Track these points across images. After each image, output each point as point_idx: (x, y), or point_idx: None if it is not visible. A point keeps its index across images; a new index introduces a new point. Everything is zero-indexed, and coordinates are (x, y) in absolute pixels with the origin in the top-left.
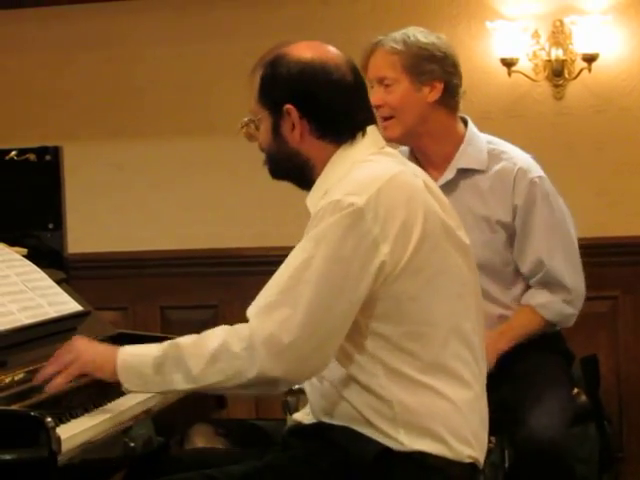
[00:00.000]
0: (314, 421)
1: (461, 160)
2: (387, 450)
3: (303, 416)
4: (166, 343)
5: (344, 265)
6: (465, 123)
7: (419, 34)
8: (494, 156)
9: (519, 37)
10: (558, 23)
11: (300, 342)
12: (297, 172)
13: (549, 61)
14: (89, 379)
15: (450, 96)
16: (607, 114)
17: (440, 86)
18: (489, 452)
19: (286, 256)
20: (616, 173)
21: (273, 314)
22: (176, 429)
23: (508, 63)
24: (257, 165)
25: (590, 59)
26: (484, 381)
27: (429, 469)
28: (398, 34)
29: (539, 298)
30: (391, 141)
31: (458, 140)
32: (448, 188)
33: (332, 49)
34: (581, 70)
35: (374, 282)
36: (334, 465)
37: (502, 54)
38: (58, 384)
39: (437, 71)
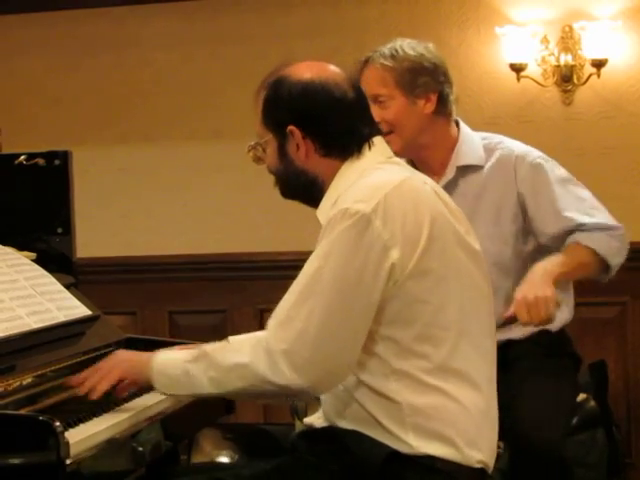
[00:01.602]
0: (326, 424)
1: (459, 158)
2: (396, 454)
3: (315, 419)
4: (195, 349)
5: (356, 273)
6: (457, 124)
7: (407, 47)
8: (490, 149)
9: (528, 42)
10: (567, 28)
11: (318, 354)
12: (306, 190)
13: (558, 66)
14: None
15: (444, 105)
16: (616, 120)
17: (434, 97)
18: (497, 457)
19: (295, 261)
20: (625, 178)
21: (288, 328)
22: (184, 434)
23: (517, 68)
24: (265, 170)
25: (599, 64)
26: (494, 385)
27: (438, 473)
28: (386, 49)
29: (583, 236)
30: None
31: (453, 142)
32: (449, 188)
33: (332, 67)
34: (590, 75)
35: (385, 286)
36: (343, 469)
37: (511, 59)
38: (100, 390)
39: (430, 83)
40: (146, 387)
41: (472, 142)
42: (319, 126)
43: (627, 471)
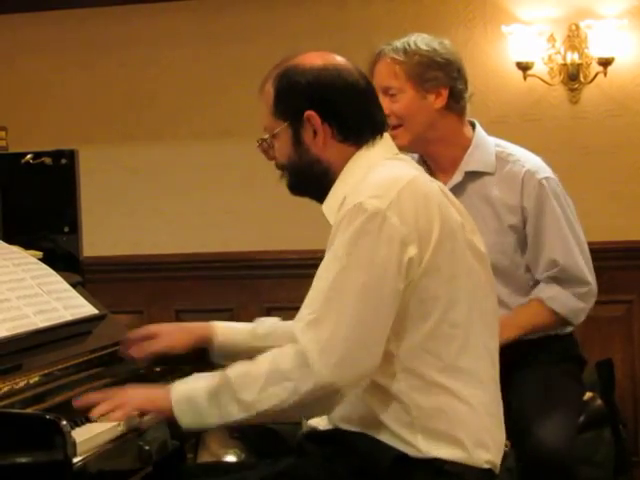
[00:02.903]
0: (329, 427)
1: (469, 163)
2: (404, 456)
3: (319, 421)
4: (217, 374)
5: (380, 269)
6: (473, 126)
7: (420, 42)
8: (502, 159)
9: (535, 41)
10: (574, 27)
11: (352, 351)
12: (317, 181)
13: (565, 65)
14: (106, 381)
15: (456, 101)
16: (622, 118)
17: (445, 92)
18: (504, 456)
19: (301, 259)
20: (631, 177)
21: (320, 328)
22: (191, 433)
23: (524, 67)
24: (272, 168)
25: (606, 63)
26: (499, 384)
27: (447, 475)
28: (399, 43)
29: (548, 291)
30: (400, 149)
31: (466, 144)
32: (456, 191)
33: (340, 57)
34: (597, 74)
35: (405, 279)
36: (351, 471)
37: (518, 58)
38: (114, 419)
39: (441, 78)
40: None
41: (485, 148)
42: (337, 110)
43: (634, 469)
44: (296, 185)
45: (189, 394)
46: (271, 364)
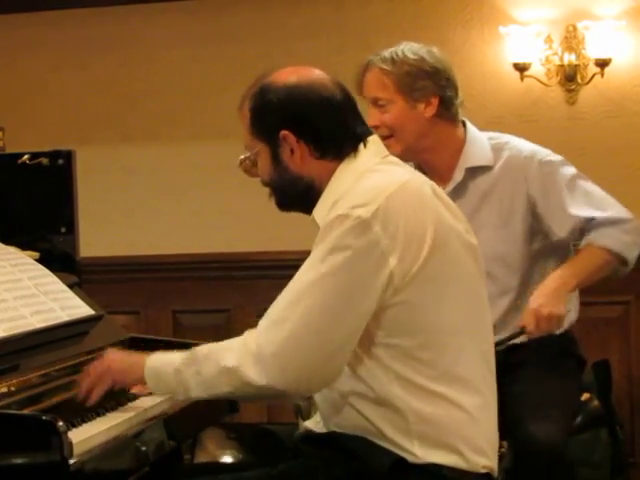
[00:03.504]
0: (324, 430)
1: (467, 160)
2: (402, 461)
3: (314, 424)
4: (186, 352)
5: (352, 279)
6: (464, 125)
7: (407, 51)
8: (498, 149)
9: (532, 42)
10: (571, 28)
11: (308, 356)
12: (304, 197)
13: (562, 66)
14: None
15: (446, 108)
16: (620, 119)
17: (435, 101)
18: (500, 458)
19: (298, 260)
20: (629, 178)
21: (280, 329)
22: (188, 433)
23: (521, 68)
24: None
25: (603, 64)
26: (495, 387)
27: None
28: (387, 53)
29: (593, 234)
30: None
31: (460, 144)
32: (459, 191)
33: (316, 70)
34: (594, 75)
35: (383, 293)
36: (349, 474)
37: (515, 59)
38: (94, 398)
39: (430, 87)
40: None
41: (480, 143)
42: (311, 127)
43: (630, 470)
44: (283, 202)
45: (159, 366)
46: (233, 352)
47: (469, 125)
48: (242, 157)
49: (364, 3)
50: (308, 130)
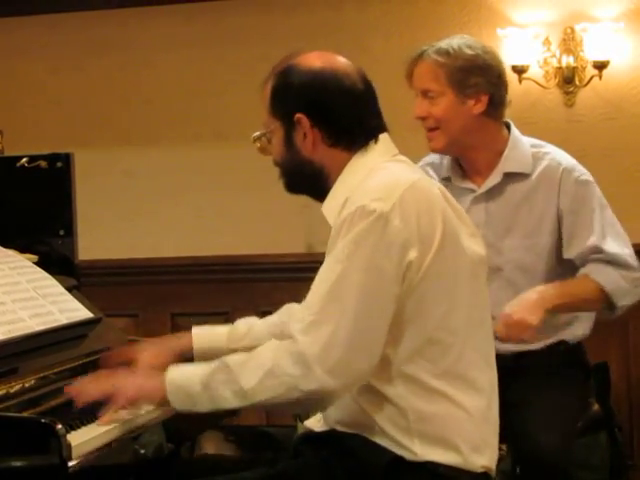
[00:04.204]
0: (325, 428)
1: (506, 164)
2: (400, 459)
3: (314, 423)
4: (214, 362)
5: (380, 272)
6: (508, 127)
7: (464, 45)
8: (538, 158)
9: (530, 44)
10: (569, 30)
11: (351, 353)
12: (312, 182)
13: (560, 68)
14: None
15: (495, 107)
16: (618, 121)
17: (485, 98)
18: (499, 460)
19: (297, 263)
20: (627, 180)
21: (320, 330)
22: (186, 436)
23: (519, 70)
24: (268, 172)
25: (601, 66)
26: (496, 389)
27: (442, 479)
28: (443, 44)
29: (594, 267)
30: (436, 152)
31: (502, 146)
32: (494, 193)
33: (342, 58)
34: (592, 77)
35: (402, 285)
36: (347, 473)
37: (513, 61)
38: (106, 421)
39: (482, 84)
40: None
41: (521, 149)
42: (327, 115)
43: (630, 473)
44: (291, 184)
45: (182, 380)
46: (273, 358)
47: (513, 128)
48: (257, 134)
49: (361, 5)
50: (324, 117)
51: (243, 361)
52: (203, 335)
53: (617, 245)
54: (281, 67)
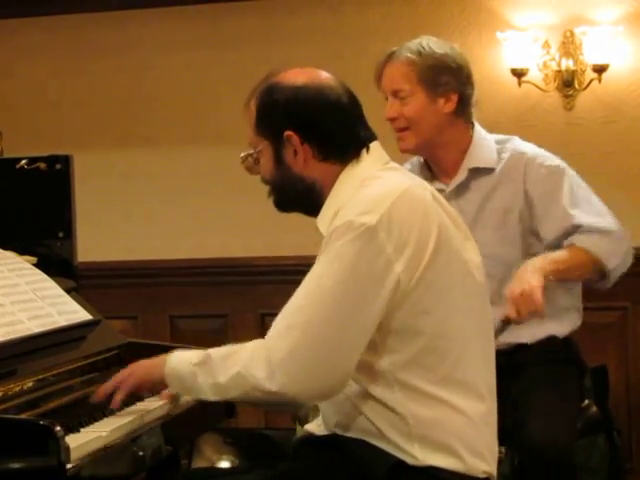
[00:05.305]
0: (326, 432)
1: (471, 160)
2: (401, 463)
3: (315, 427)
4: (203, 352)
5: (358, 286)
6: (472, 125)
7: (433, 44)
8: (502, 152)
9: (529, 47)
10: (569, 34)
11: (315, 363)
12: (304, 198)
13: (559, 71)
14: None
15: (464, 106)
16: (617, 125)
17: (455, 97)
18: (499, 463)
19: (296, 265)
20: (626, 183)
21: (288, 336)
22: (185, 438)
23: (518, 73)
24: None
25: (600, 70)
26: (495, 392)
27: None
28: (413, 44)
29: (577, 237)
30: (406, 152)
31: (467, 144)
32: (461, 190)
33: (324, 73)
34: (591, 81)
35: (390, 300)
36: (348, 477)
37: (512, 64)
38: (117, 401)
39: (452, 83)
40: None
41: (485, 144)
42: (316, 130)
43: (628, 476)
44: (282, 202)
45: (177, 367)
46: (246, 357)
47: (477, 126)
48: (244, 154)
49: (361, 8)
50: (313, 132)
51: (223, 356)
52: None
53: (594, 216)
54: (263, 86)
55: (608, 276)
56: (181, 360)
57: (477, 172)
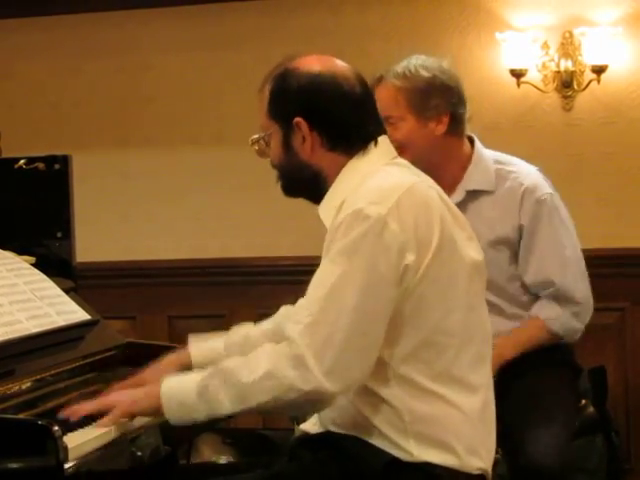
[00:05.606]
0: (321, 430)
1: (469, 182)
2: (396, 460)
3: (310, 426)
4: (209, 368)
5: (378, 275)
6: (471, 142)
7: (420, 67)
8: (501, 176)
9: (528, 48)
10: (567, 34)
11: (348, 355)
12: (310, 185)
13: (558, 72)
14: (97, 387)
15: (457, 125)
16: (616, 125)
17: (446, 119)
18: (495, 463)
19: (295, 266)
20: (624, 184)
21: (318, 332)
22: (183, 438)
23: (517, 74)
24: (266, 174)
25: (599, 70)
26: (492, 390)
27: None
28: (399, 68)
29: (548, 311)
30: None
31: (465, 161)
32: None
33: (340, 62)
34: (590, 81)
35: (400, 286)
36: (343, 475)
37: (511, 65)
38: (106, 423)
39: (441, 105)
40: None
41: (484, 166)
42: (326, 119)
43: (627, 477)
44: (289, 187)
45: (178, 390)
46: (270, 360)
47: (477, 144)
48: (255, 137)
49: (361, 9)
50: (322, 121)
51: (239, 365)
52: (199, 349)
53: (569, 276)
54: (279, 70)
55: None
56: (179, 383)
57: (474, 194)
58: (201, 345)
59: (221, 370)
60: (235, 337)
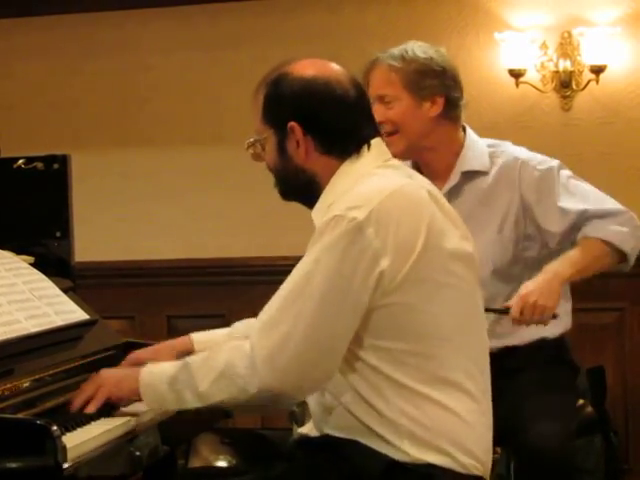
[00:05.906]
0: (320, 434)
1: (464, 164)
2: (394, 463)
3: (309, 429)
4: (179, 361)
5: (345, 281)
6: (464, 131)
7: (417, 49)
8: (495, 156)
9: (527, 48)
10: (566, 34)
11: (300, 358)
12: (304, 190)
13: (557, 72)
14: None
15: (451, 109)
16: (614, 125)
17: (441, 100)
18: (494, 463)
19: (293, 266)
20: (623, 184)
21: (273, 331)
22: (182, 438)
23: (516, 74)
24: (264, 175)
25: (598, 70)
26: (489, 392)
27: None
28: (396, 50)
29: (588, 227)
30: (395, 157)
31: (459, 147)
32: (453, 194)
33: (334, 66)
34: (589, 81)
35: (373, 294)
36: (342, 478)
37: (510, 65)
38: (92, 410)
39: (437, 86)
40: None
41: (477, 148)
42: (320, 123)
43: (625, 477)
44: (285, 192)
45: (153, 377)
46: (227, 359)
47: (469, 130)
48: (250, 140)
49: (359, 9)
50: (316, 125)
51: (201, 362)
52: (203, 341)
53: (595, 202)
54: (273, 75)
55: (628, 258)
56: (156, 371)
57: (470, 175)
58: (204, 340)
59: (186, 366)
60: (238, 332)
